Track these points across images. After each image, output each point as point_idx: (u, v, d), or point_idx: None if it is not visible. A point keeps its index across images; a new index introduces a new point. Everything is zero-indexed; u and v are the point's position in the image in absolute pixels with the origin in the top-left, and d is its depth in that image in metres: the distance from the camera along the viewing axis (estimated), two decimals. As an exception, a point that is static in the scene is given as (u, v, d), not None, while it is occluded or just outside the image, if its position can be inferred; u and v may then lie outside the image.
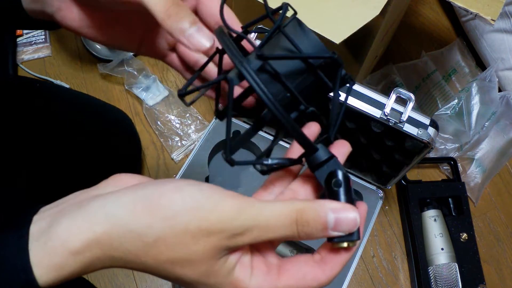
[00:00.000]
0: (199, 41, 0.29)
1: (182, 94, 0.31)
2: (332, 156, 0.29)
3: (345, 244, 0.27)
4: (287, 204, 0.27)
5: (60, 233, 0.25)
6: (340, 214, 0.26)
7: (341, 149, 0.31)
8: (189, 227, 0.25)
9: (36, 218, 0.26)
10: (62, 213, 0.26)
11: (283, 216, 0.26)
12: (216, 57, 0.32)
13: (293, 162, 0.30)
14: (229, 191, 0.27)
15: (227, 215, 0.25)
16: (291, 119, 0.26)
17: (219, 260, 0.26)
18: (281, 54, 0.29)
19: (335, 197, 0.28)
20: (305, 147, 0.28)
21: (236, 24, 0.34)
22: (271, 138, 0.63)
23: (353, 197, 0.28)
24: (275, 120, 0.27)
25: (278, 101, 0.26)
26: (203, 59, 0.37)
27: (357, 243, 0.28)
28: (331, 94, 0.30)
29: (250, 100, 0.35)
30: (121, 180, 0.29)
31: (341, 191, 0.28)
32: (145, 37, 0.39)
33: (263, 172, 0.31)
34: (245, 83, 0.32)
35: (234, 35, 0.30)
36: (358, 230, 0.27)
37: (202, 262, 0.26)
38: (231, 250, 0.27)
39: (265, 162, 0.29)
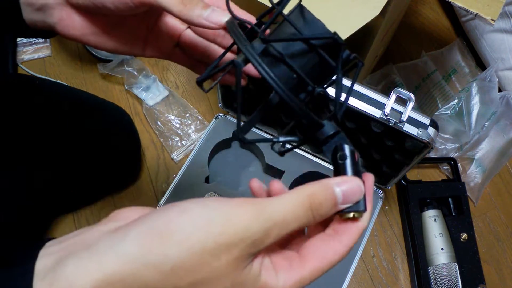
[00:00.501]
0: (217, 18, 0.31)
1: (200, 81, 0.32)
2: (338, 132, 0.30)
3: (351, 215, 0.28)
4: (296, 193, 0.27)
5: (67, 274, 0.24)
6: (345, 186, 0.27)
7: (368, 182, 0.30)
8: (207, 246, 0.24)
9: (42, 253, 0.26)
10: (69, 253, 0.25)
11: (297, 206, 0.26)
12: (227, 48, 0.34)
13: (305, 139, 0.31)
14: (235, 199, 0.26)
15: (243, 224, 0.25)
16: (293, 96, 0.27)
17: (244, 270, 0.26)
18: (283, 38, 0.30)
19: (341, 170, 0.29)
20: (311, 123, 0.29)
21: (247, 16, 0.36)
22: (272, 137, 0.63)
23: (360, 169, 0.29)
24: (282, 101, 0.27)
25: (284, 82, 0.27)
26: (209, 47, 0.39)
27: (364, 215, 0.28)
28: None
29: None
30: (123, 215, 0.28)
31: (347, 163, 0.28)
32: (148, 38, 0.39)
33: (281, 153, 0.32)
34: (251, 69, 0.34)
35: (248, 26, 0.32)
36: (365, 200, 0.28)
37: (226, 277, 0.25)
38: (254, 256, 0.26)
39: (278, 140, 0.30)
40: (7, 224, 0.67)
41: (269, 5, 0.31)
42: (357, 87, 0.64)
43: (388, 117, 0.62)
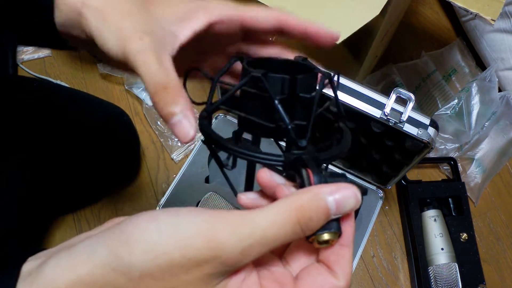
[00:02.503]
0: (181, 133, 0.27)
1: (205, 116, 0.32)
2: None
3: (324, 236, 0.24)
4: (282, 207, 0.24)
5: (46, 274, 0.24)
6: (338, 194, 0.24)
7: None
8: (174, 258, 0.23)
9: (31, 258, 0.26)
10: (53, 254, 0.25)
11: (282, 222, 0.23)
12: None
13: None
14: (214, 210, 0.24)
15: (217, 240, 0.23)
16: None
17: (217, 286, 0.24)
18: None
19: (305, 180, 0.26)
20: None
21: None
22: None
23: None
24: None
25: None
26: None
27: (345, 236, 0.25)
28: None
29: None
30: (115, 222, 0.28)
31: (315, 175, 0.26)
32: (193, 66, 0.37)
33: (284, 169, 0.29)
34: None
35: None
36: (338, 223, 0.25)
37: None
38: (230, 273, 0.24)
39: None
40: (7, 224, 0.67)
41: (269, 5, 0.31)
42: (357, 87, 0.64)
43: (388, 117, 0.62)
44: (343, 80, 0.65)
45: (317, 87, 0.30)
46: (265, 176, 0.28)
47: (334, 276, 0.25)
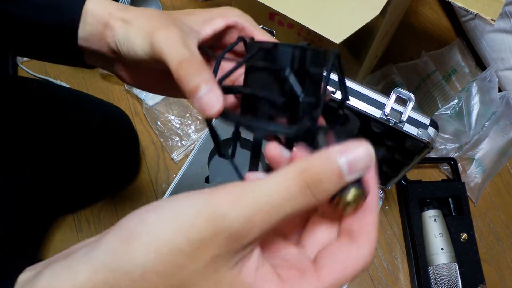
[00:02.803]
0: (207, 105, 0.27)
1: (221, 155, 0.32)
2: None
3: (350, 197, 0.22)
4: (288, 169, 0.21)
5: (41, 284, 0.22)
6: (350, 153, 0.22)
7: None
8: (177, 245, 0.21)
9: (27, 269, 0.25)
10: (49, 263, 0.24)
11: (288, 185, 0.21)
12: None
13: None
14: (213, 187, 0.22)
15: (218, 213, 0.21)
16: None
17: (230, 273, 0.21)
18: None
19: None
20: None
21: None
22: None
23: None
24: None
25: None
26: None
27: (370, 199, 0.23)
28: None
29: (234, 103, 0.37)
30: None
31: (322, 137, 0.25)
32: None
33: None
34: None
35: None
36: (361, 183, 0.22)
37: (207, 281, 0.21)
38: (241, 255, 0.22)
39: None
40: (7, 225, 0.67)
41: (269, 5, 0.31)
42: (357, 87, 0.64)
43: (388, 117, 0.62)
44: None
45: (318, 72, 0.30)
46: (275, 150, 0.26)
47: (356, 247, 0.23)
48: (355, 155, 0.22)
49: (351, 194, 0.22)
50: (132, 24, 0.33)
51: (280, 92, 0.28)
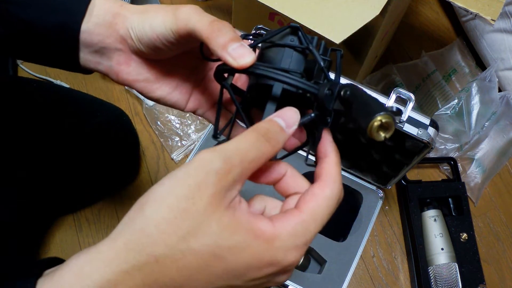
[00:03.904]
0: (243, 58, 0.30)
1: (216, 137, 0.35)
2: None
3: (377, 121, 0.25)
4: (246, 131, 0.28)
5: (64, 282, 0.25)
6: (280, 113, 0.30)
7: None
8: (178, 192, 0.25)
9: (46, 272, 0.27)
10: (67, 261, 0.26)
11: (246, 136, 0.27)
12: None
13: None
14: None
15: (203, 161, 0.26)
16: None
17: (227, 211, 0.26)
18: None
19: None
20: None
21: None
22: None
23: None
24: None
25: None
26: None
27: (327, 145, 0.31)
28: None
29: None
30: None
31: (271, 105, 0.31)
32: (194, 91, 0.41)
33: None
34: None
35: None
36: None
37: (210, 220, 0.25)
38: (232, 198, 0.26)
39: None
40: (7, 225, 0.67)
41: (269, 5, 0.32)
42: (357, 87, 0.64)
43: (388, 117, 0.62)
44: (344, 80, 0.65)
45: (320, 63, 0.32)
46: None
47: (323, 184, 0.29)
48: (284, 113, 0.30)
49: (380, 118, 0.25)
50: (147, 11, 0.34)
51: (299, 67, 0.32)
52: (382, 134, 0.25)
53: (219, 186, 0.25)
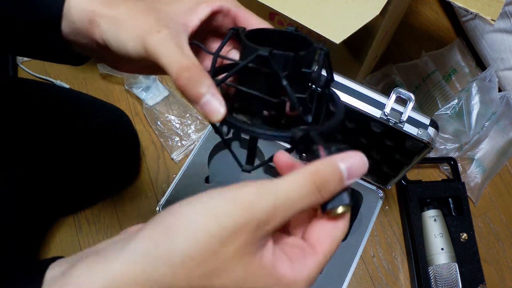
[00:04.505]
0: (211, 112, 0.29)
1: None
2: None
3: (339, 210, 0.26)
4: (300, 172, 0.26)
5: (75, 279, 0.24)
6: (349, 161, 0.26)
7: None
8: (212, 232, 0.23)
9: (52, 266, 0.26)
10: (77, 260, 0.25)
11: (301, 184, 0.25)
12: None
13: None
14: (235, 185, 0.26)
15: (246, 204, 0.24)
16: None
17: (254, 258, 0.25)
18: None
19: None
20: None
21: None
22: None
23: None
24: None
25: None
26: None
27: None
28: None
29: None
30: (130, 230, 0.29)
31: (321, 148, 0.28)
32: None
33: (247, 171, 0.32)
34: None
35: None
36: (348, 193, 0.27)
37: (237, 265, 0.24)
38: (262, 243, 0.25)
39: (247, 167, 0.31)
40: (7, 225, 0.67)
41: (269, 5, 0.32)
42: (357, 87, 0.64)
43: (388, 117, 0.62)
44: (343, 80, 0.65)
45: (314, 66, 0.32)
46: (284, 157, 0.29)
47: (335, 226, 0.27)
48: (353, 163, 0.26)
49: (341, 208, 0.27)
50: (120, 24, 0.33)
51: (274, 93, 0.31)
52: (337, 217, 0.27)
53: (255, 234, 0.24)
